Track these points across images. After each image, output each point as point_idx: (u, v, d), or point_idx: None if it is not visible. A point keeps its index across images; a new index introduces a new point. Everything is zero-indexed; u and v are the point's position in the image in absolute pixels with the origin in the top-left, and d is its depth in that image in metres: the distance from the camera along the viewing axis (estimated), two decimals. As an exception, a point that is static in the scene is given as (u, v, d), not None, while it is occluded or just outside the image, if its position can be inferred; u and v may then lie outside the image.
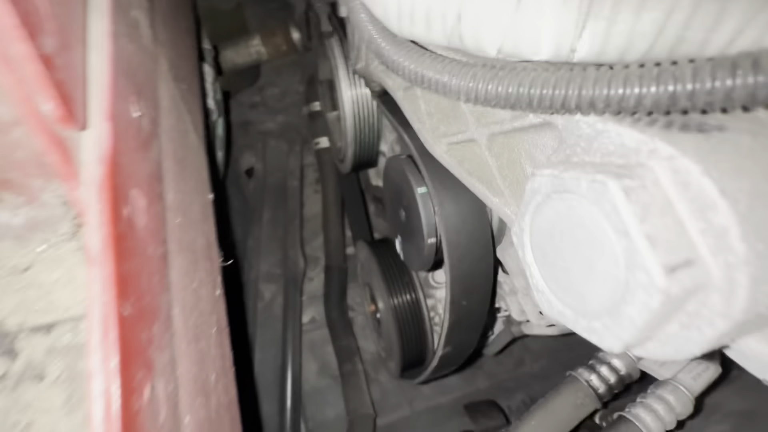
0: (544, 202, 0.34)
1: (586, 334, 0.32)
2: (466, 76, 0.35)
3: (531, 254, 0.37)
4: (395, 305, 1.25)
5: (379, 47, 0.42)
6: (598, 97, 0.29)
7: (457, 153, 0.54)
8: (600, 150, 0.32)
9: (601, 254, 0.29)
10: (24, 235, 0.44)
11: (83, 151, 0.36)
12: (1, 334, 0.40)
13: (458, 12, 0.33)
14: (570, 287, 0.33)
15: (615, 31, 0.29)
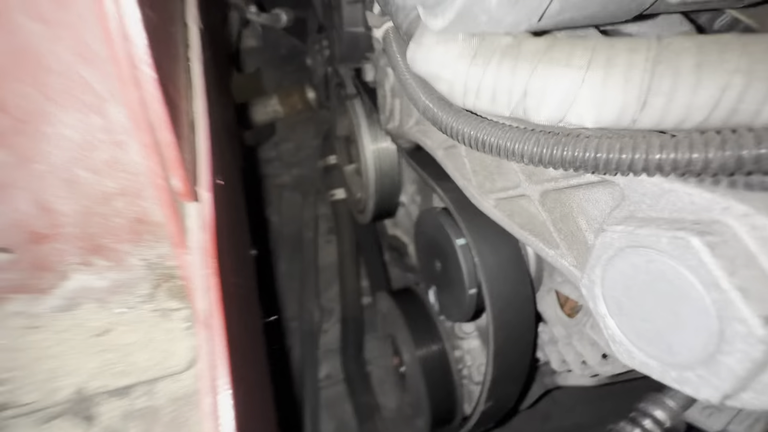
0: (617, 256, 0.36)
1: (677, 384, 0.33)
2: (529, 141, 0.39)
3: (604, 306, 0.38)
4: (422, 357, 1.22)
5: (436, 116, 0.46)
6: (665, 161, 0.32)
7: (506, 207, 0.57)
8: (668, 207, 0.35)
9: (690, 307, 0.30)
10: (105, 298, 0.45)
11: (190, 220, 0.39)
12: (80, 399, 0.40)
13: (525, 89, 0.38)
14: (654, 339, 0.34)
15: (673, 106, 0.33)
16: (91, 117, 0.35)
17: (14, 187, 0.37)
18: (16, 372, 0.41)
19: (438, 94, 0.49)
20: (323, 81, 1.73)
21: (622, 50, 0.34)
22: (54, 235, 0.40)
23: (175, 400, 0.42)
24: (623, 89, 0.34)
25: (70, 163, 0.37)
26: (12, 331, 0.43)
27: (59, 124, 0.35)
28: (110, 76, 0.33)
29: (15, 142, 0.35)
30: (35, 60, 0.32)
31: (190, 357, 0.44)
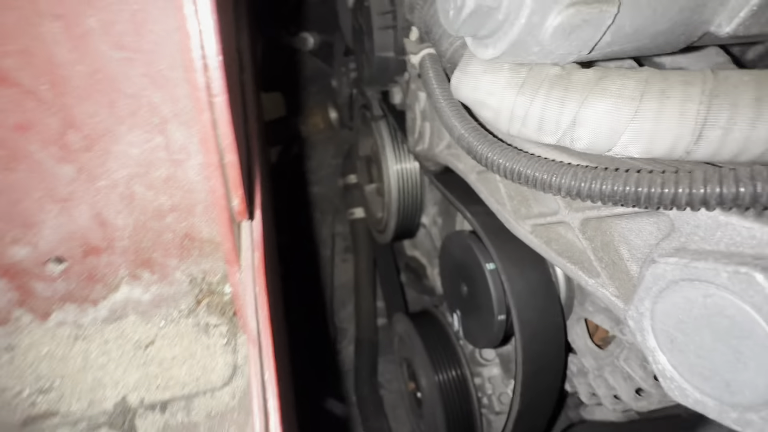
0: (669, 288, 0.35)
1: (738, 426, 0.31)
2: (566, 175, 0.39)
3: (654, 340, 0.37)
4: (441, 382, 1.19)
5: (471, 145, 0.47)
6: (711, 195, 0.31)
7: (543, 234, 0.57)
8: (724, 240, 0.34)
9: (753, 344, 0.29)
10: (149, 311, 0.46)
11: (244, 239, 0.40)
12: (122, 411, 0.41)
13: (573, 119, 0.38)
14: (711, 376, 0.33)
15: (730, 139, 0.33)
16: (155, 137, 0.37)
17: (76, 201, 0.39)
18: (62, 380, 0.42)
19: (473, 124, 0.49)
20: (348, 102, 1.77)
21: (676, 83, 0.34)
22: (107, 248, 0.42)
23: (211, 417, 0.42)
24: (678, 121, 0.34)
25: (130, 180, 0.39)
26: (60, 340, 0.44)
27: (124, 142, 0.37)
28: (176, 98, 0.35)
29: (82, 158, 0.37)
30: (110, 83, 0.34)
31: (228, 374, 0.44)
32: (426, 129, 0.88)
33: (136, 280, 0.44)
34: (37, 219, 0.38)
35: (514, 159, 0.43)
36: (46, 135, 0.35)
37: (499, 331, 0.77)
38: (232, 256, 0.37)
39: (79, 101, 0.34)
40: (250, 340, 0.34)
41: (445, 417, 1.17)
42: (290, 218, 2.28)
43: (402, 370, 1.52)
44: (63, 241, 0.40)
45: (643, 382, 0.71)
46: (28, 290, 0.41)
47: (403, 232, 1.50)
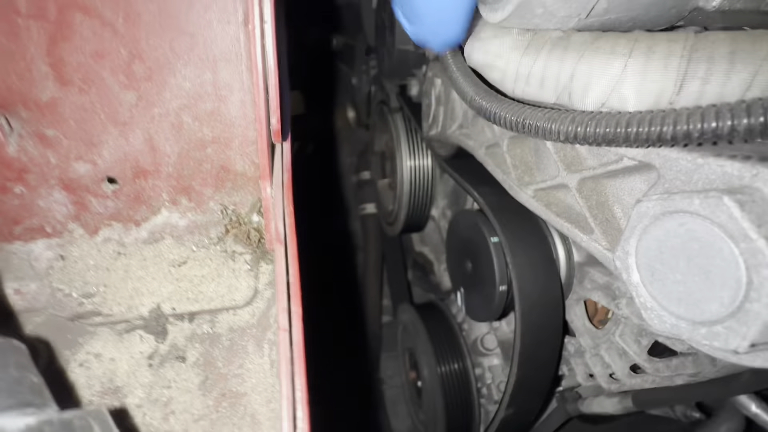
0: (651, 224, 0.39)
1: (706, 340, 0.35)
2: (565, 121, 0.43)
3: (638, 274, 0.41)
4: (442, 373, 1.22)
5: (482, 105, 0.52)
6: (694, 130, 0.35)
7: (543, 198, 0.61)
8: (701, 180, 0.38)
9: (720, 261, 0.33)
10: (182, 236, 0.52)
11: (276, 161, 0.45)
12: (156, 317, 0.46)
13: (571, 74, 0.43)
14: (684, 299, 0.37)
15: (708, 89, 0.37)
16: (205, 72, 0.43)
17: (133, 125, 0.45)
18: (105, 288, 0.48)
19: (484, 88, 0.55)
20: (366, 99, 1.85)
21: (662, 40, 0.39)
22: (154, 172, 0.47)
23: (233, 330, 0.47)
24: (662, 74, 0.38)
25: (180, 110, 0.45)
26: (105, 254, 0.49)
27: (180, 75, 0.43)
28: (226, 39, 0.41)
29: (143, 86, 0.43)
30: (174, 21, 0.40)
31: (249, 295, 0.49)
32: (440, 113, 0.93)
33: (175, 206, 0.49)
34: (100, 139, 0.44)
35: (519, 111, 0.47)
36: (116, 63, 0.41)
37: (500, 303, 0.80)
38: (266, 173, 0.42)
39: (147, 35, 0.40)
40: (277, 240, 0.39)
41: (445, 406, 1.20)
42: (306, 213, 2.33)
43: (404, 360, 1.55)
44: (118, 162, 0.46)
45: (637, 357, 0.73)
46: (84, 205, 0.47)
47: (413, 225, 1.54)
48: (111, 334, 0.45)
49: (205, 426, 0.41)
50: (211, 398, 0.43)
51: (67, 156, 0.45)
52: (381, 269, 2.02)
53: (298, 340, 0.34)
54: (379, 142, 1.73)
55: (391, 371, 1.88)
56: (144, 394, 0.43)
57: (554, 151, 0.56)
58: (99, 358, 0.44)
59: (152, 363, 0.44)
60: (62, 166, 0.45)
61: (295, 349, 0.34)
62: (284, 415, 0.31)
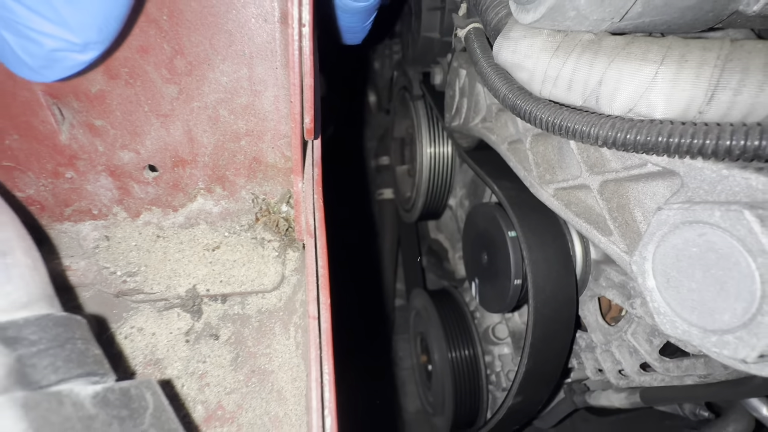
0: (670, 232, 0.40)
1: (716, 348, 0.36)
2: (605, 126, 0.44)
3: (653, 280, 0.42)
4: (453, 358, 1.25)
5: (516, 103, 0.52)
6: (735, 146, 0.36)
7: (563, 197, 0.62)
8: (725, 192, 0.38)
9: (735, 273, 0.34)
10: (215, 222, 0.55)
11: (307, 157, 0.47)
12: (192, 296, 0.50)
13: (600, 79, 0.43)
14: (697, 307, 0.38)
15: (739, 100, 0.37)
16: (242, 68, 0.45)
17: (174, 117, 0.47)
18: (146, 268, 0.51)
19: (518, 85, 0.55)
20: (388, 84, 1.84)
21: (696, 48, 0.38)
22: (192, 162, 0.50)
23: (261, 312, 0.51)
24: (693, 83, 0.38)
25: (217, 104, 0.47)
26: (145, 237, 0.53)
27: (218, 71, 0.45)
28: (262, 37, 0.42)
29: (184, 80, 0.45)
30: (214, 18, 0.42)
31: (277, 280, 0.52)
32: (463, 104, 0.93)
33: (210, 194, 0.52)
34: (143, 129, 0.47)
35: (556, 113, 0.48)
36: (159, 58, 0.43)
37: (514, 296, 0.82)
38: (299, 168, 0.44)
39: (189, 32, 0.42)
40: (308, 233, 0.41)
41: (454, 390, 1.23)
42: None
43: (415, 344, 1.59)
44: (159, 151, 0.49)
45: (648, 356, 0.75)
46: (127, 191, 0.51)
47: (430, 212, 1.56)
48: (152, 310, 0.49)
49: (237, 398, 0.45)
50: (241, 374, 0.46)
51: (113, 144, 0.48)
52: (396, 254, 2.05)
53: (326, 328, 0.37)
54: (400, 128, 1.73)
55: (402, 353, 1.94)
56: (182, 366, 0.47)
57: (578, 152, 0.57)
58: (141, 332, 0.48)
59: (189, 339, 0.48)
60: (108, 153, 0.48)
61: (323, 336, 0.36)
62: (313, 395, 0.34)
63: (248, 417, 0.44)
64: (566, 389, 1.20)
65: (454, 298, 1.38)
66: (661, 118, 0.42)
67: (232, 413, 0.44)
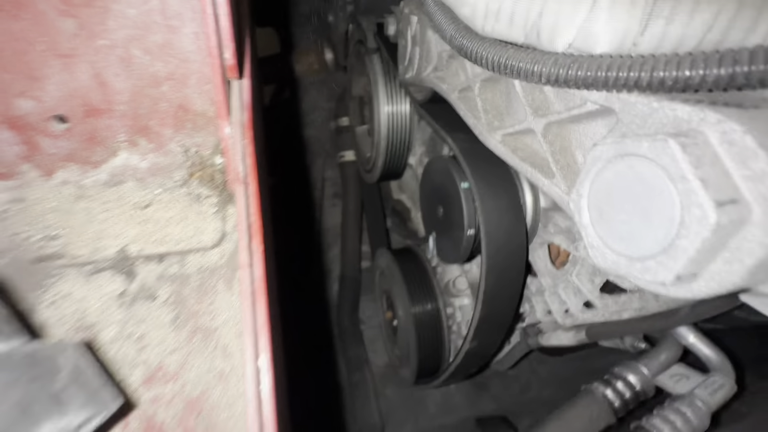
0: (604, 167, 0.41)
1: (640, 275, 0.38)
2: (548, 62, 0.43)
3: (587, 216, 0.44)
4: (416, 313, 1.29)
5: (462, 44, 0.50)
6: (668, 78, 0.36)
7: (510, 143, 0.62)
8: (655, 124, 0.39)
9: (659, 201, 0.35)
10: (145, 179, 0.51)
11: (233, 99, 0.43)
12: (123, 258, 0.46)
13: (540, 10, 0.42)
14: (625, 237, 0.39)
15: (672, 30, 0.37)
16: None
17: (77, 58, 0.42)
18: (68, 231, 0.47)
19: (464, 25, 0.52)
20: (343, 38, 1.74)
21: (630, -24, 0.38)
22: (107, 111, 0.45)
23: (202, 271, 0.48)
24: (629, 13, 0.38)
25: (128, 42, 0.42)
26: (64, 197, 0.48)
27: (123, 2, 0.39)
28: (172, -40, 0.37)
29: (83, 13, 0.39)
30: (110, -64, 0.36)
31: (217, 237, 0.49)
32: (416, 54, 0.90)
33: (134, 147, 0.48)
34: (42, 73, 0.41)
35: (501, 51, 0.46)
36: (49, -15, 0.37)
37: (467, 246, 0.84)
38: (223, 111, 0.41)
39: (80, -46, 0.36)
40: (236, 180, 0.39)
41: (417, 343, 1.28)
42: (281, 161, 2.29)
43: (381, 302, 1.63)
44: (65, 98, 0.43)
45: (590, 294, 0.80)
46: (34, 145, 0.45)
47: (390, 172, 1.54)
48: (78, 275, 0.45)
49: (179, 357, 0.43)
50: (183, 333, 0.45)
51: (7, 92, 0.42)
52: (360, 216, 2.04)
53: (259, 276, 0.35)
54: (357, 86, 1.67)
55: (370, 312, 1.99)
56: (118, 329, 0.44)
57: (523, 95, 0.56)
58: (68, 298, 0.45)
59: (123, 302, 0.45)
60: (4, 102, 0.42)
61: (256, 284, 0.35)
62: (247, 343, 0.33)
63: (192, 374, 0.43)
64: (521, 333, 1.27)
65: (416, 255, 1.40)
66: (599, 51, 0.42)
67: (174, 372, 0.42)
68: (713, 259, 0.34)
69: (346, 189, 2.06)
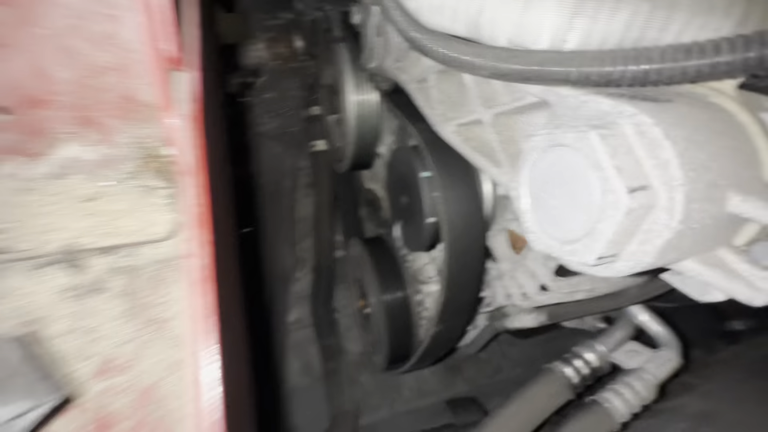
0: (539, 158, 0.44)
1: (569, 256, 0.41)
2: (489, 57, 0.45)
3: (526, 202, 0.46)
4: (386, 300, 1.32)
5: (411, 35, 0.51)
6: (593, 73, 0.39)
7: (463, 133, 0.64)
8: (583, 116, 0.42)
9: (583, 188, 0.38)
10: (93, 171, 0.50)
11: (180, 90, 0.43)
12: (72, 251, 0.46)
13: (480, 7, 0.43)
14: (557, 222, 0.42)
15: (596, 28, 0.39)
16: (89, -13, 0.39)
17: (14, 48, 0.41)
18: (11, 225, 0.46)
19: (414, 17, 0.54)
20: (311, 26, 1.72)
21: (558, -25, 0.40)
22: (49, 102, 0.44)
23: (155, 262, 0.49)
24: (557, 10, 0.40)
25: (68, 32, 0.41)
26: (8, 190, 0.47)
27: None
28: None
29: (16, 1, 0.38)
30: None
31: (170, 229, 0.50)
32: (378, 44, 0.90)
33: (81, 139, 0.47)
34: (-24, 63, 0.40)
35: (449, 44, 0.48)
36: (-23, -29, 0.36)
37: (429, 234, 0.87)
38: (165, 103, 0.41)
39: (10, -61, 0.35)
40: (182, 172, 0.39)
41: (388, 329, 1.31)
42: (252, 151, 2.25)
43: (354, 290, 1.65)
44: (5, 90, 0.42)
45: (544, 278, 0.84)
46: (-29, 137, 0.44)
47: (361, 162, 1.55)
48: (25, 269, 0.45)
49: (132, 348, 0.44)
50: (136, 324, 0.45)
51: (-60, 81, 0.40)
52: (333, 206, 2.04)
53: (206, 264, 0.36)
54: (327, 75, 1.65)
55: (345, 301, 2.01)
56: (69, 322, 0.44)
57: (474, 86, 0.58)
58: (15, 292, 0.44)
59: (73, 295, 0.45)
60: (-62, 92, 0.41)
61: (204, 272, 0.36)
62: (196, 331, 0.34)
63: (145, 365, 0.43)
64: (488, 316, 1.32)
65: (387, 244, 1.43)
66: (537, 47, 0.44)
67: (127, 363, 0.43)
68: (629, 241, 0.38)
69: (319, 179, 2.06)
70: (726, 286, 0.37)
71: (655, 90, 0.40)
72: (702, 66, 0.34)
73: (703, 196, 0.34)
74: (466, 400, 1.69)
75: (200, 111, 0.42)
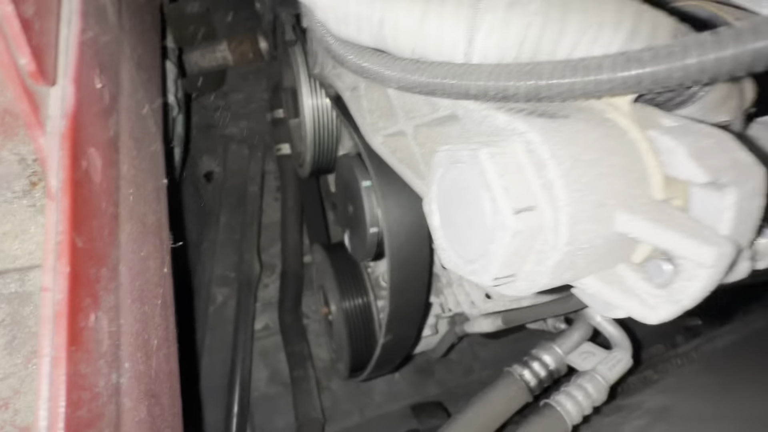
0: (444, 174, 0.42)
1: (470, 276, 0.40)
2: (396, 68, 0.43)
3: (437, 219, 0.45)
4: (346, 307, 1.30)
5: (328, 43, 0.50)
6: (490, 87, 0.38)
7: (390, 144, 0.63)
8: (484, 132, 0.41)
9: (477, 208, 0.37)
10: (-23, 190, 0.46)
11: (50, 107, 0.40)
12: (-54, 279, 0.42)
13: (381, 18, 0.42)
14: (460, 241, 0.41)
15: (492, 43, 0.38)
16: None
17: None
18: None
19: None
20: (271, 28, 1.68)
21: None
22: None
23: (46, 288, 0.45)
24: (453, 25, 0.39)
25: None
26: None
27: None
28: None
29: None
30: None
31: (64, 251, 0.46)
32: (319, 50, 0.88)
33: (-42, 156, 0.43)
34: None
35: (359, 54, 0.46)
36: None
37: (372, 244, 0.85)
38: (31, 120, 0.37)
39: None
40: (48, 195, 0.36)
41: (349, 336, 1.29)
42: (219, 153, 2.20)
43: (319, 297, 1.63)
44: None
45: (488, 288, 0.83)
46: None
47: (321, 166, 1.52)
48: None
49: (13, 383, 0.41)
50: (19, 357, 0.42)
51: None
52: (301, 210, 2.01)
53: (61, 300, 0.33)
54: (287, 78, 1.62)
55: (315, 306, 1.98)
56: (-59, 357, 0.41)
57: (395, 97, 0.57)
58: None
59: (-54, 326, 0.41)
60: None
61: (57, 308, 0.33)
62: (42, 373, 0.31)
63: (27, 400, 0.40)
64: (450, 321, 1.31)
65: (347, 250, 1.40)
66: (437, 59, 0.43)
67: (5, 400, 0.40)
68: (525, 262, 0.37)
69: (285, 183, 2.02)
70: (623, 303, 0.37)
71: (557, 105, 0.40)
72: (587, 83, 0.33)
73: (589, 216, 0.33)
74: (431, 404, 1.68)
75: (71, 129, 0.39)
